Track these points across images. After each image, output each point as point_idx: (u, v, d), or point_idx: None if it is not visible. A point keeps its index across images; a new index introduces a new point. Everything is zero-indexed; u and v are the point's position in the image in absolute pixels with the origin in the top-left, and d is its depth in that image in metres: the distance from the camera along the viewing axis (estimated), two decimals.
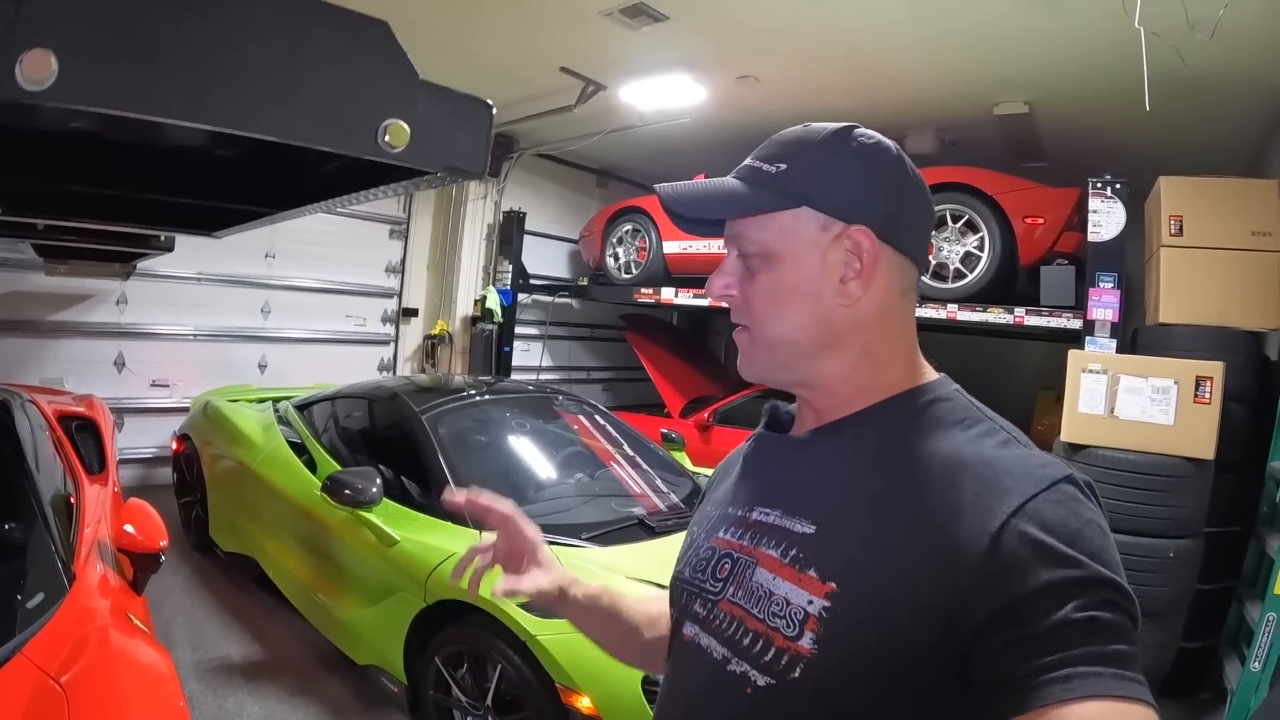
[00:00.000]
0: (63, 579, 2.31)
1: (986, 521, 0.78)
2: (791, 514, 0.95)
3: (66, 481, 3.23)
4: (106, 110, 0.90)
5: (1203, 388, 3.76)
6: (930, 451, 0.89)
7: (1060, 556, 0.74)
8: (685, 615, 1.04)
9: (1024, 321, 5.29)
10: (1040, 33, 4.47)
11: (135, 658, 2.13)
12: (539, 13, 4.89)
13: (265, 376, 7.41)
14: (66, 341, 6.29)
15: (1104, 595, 0.73)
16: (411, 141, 1.12)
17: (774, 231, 0.96)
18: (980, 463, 0.85)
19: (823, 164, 0.96)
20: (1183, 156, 5.62)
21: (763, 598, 0.91)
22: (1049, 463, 0.83)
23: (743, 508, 1.05)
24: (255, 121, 1.02)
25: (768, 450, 1.10)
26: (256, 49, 0.99)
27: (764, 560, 0.94)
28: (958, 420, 0.93)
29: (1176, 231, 4.27)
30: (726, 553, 1.01)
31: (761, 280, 0.96)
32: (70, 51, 0.83)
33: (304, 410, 4.87)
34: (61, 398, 4.65)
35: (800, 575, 0.88)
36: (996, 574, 0.75)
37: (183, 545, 5.27)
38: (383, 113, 1.10)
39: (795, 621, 0.85)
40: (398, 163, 1.15)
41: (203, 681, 3.69)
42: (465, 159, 1.26)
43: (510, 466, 4.09)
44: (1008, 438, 0.89)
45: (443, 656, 3.08)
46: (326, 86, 1.06)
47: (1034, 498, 0.78)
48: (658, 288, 7.51)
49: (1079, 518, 0.78)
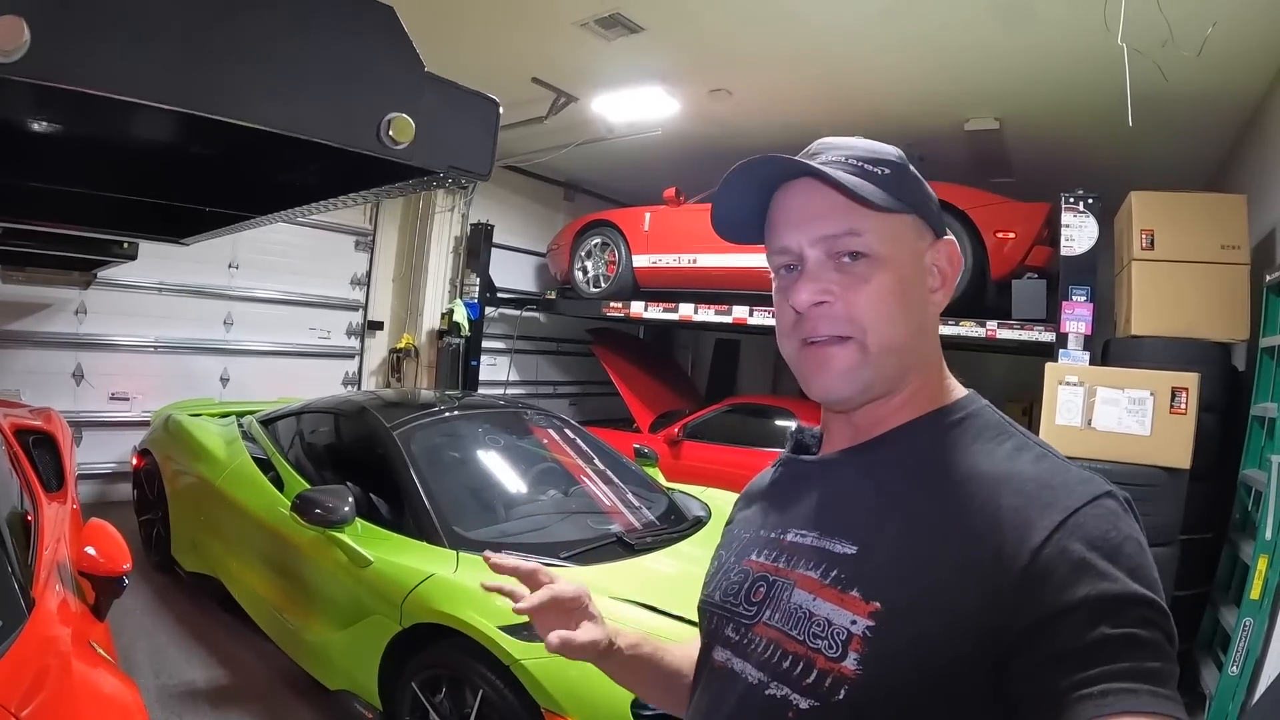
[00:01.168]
0: (21, 605, 2.20)
1: (1029, 535, 0.77)
2: (830, 535, 0.94)
3: (24, 500, 3.11)
4: (81, 88, 0.81)
5: (1178, 398, 3.82)
6: (968, 466, 0.88)
7: (1101, 572, 0.73)
8: (715, 640, 1.02)
9: (996, 335, 5.34)
10: (1013, 49, 4.53)
11: (99, 689, 2.05)
12: (512, 21, 4.85)
13: (228, 390, 7.28)
14: (22, 352, 6.14)
15: (1142, 613, 0.73)
16: (416, 138, 1.04)
17: (887, 234, 0.93)
18: (1020, 477, 0.84)
19: (911, 176, 0.97)
20: (1150, 171, 5.73)
21: (802, 619, 0.89)
22: (1089, 478, 0.83)
23: (775, 530, 1.03)
24: (247, 107, 0.93)
25: (798, 473, 1.09)
26: (250, 26, 0.90)
27: (802, 582, 0.92)
28: (993, 435, 0.92)
29: (1148, 245, 4.34)
30: (761, 575, 0.99)
31: (876, 284, 0.92)
32: (45, 19, 0.75)
33: (269, 425, 4.75)
34: (18, 411, 4.51)
35: (843, 596, 0.86)
36: (1038, 587, 0.74)
37: (143, 565, 5.11)
38: (386, 105, 1.02)
39: (838, 642, 0.84)
40: (401, 160, 1.07)
41: (166, 708, 3.55)
42: (471, 159, 1.19)
43: (484, 483, 4.01)
44: (1043, 452, 0.88)
45: (419, 681, 2.98)
46: (326, 72, 0.98)
47: (1076, 512, 0.78)
48: (627, 301, 7.49)
49: (1119, 533, 0.77)
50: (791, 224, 0.96)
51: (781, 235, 0.97)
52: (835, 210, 0.92)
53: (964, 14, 4.17)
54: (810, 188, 0.94)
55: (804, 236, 0.94)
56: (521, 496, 3.95)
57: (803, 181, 0.95)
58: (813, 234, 0.93)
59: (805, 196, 0.95)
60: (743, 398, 8.04)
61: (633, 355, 8.76)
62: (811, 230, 0.93)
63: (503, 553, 1.19)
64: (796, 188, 0.96)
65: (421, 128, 1.05)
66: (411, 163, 1.10)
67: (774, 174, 0.97)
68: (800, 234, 0.94)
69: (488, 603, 2.83)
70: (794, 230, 0.95)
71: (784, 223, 0.97)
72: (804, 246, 0.94)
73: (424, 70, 1.08)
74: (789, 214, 0.96)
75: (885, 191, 0.92)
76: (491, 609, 2.78)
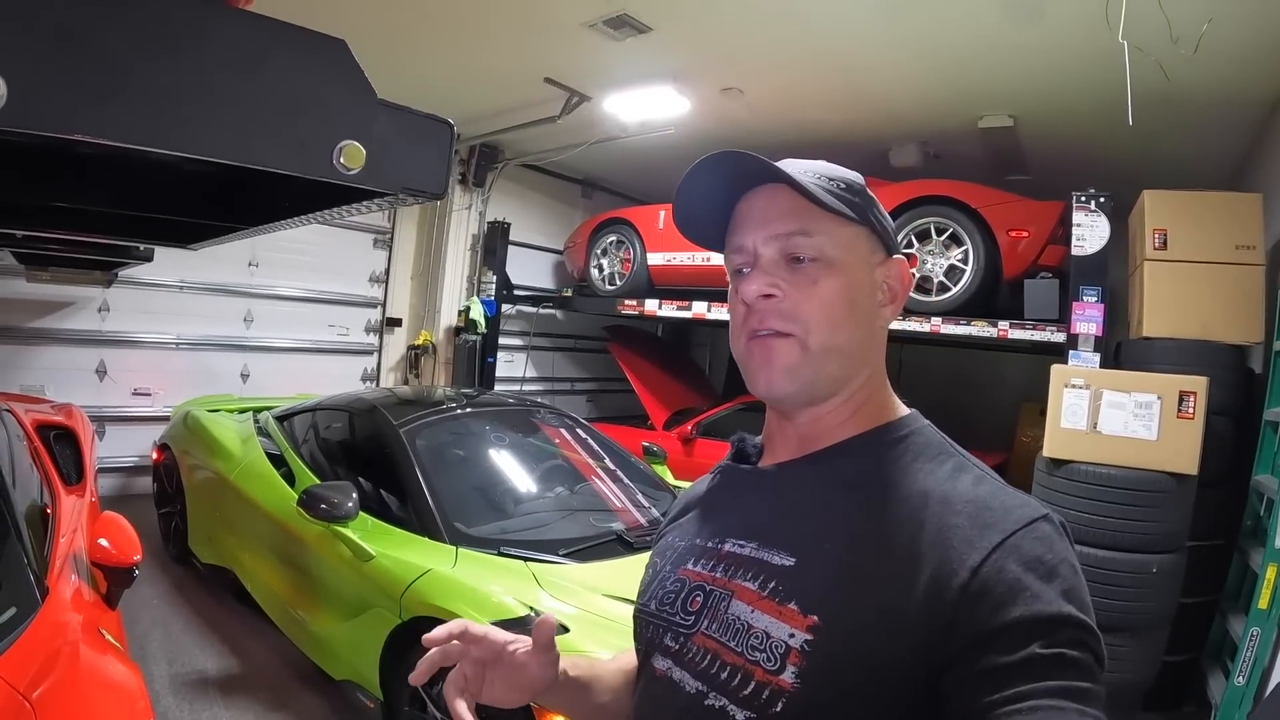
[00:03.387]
0: (35, 593, 2.28)
1: (968, 554, 0.80)
2: (769, 546, 0.95)
3: (43, 493, 3.20)
4: (58, 135, 0.89)
5: (1186, 402, 3.74)
6: (909, 485, 0.91)
7: (1035, 593, 0.76)
8: (655, 649, 1.02)
9: (1008, 335, 5.30)
10: (1023, 47, 4.49)
11: (106, 674, 2.11)
12: (522, 23, 4.87)
13: (247, 386, 7.36)
14: (47, 349, 6.25)
15: (1073, 634, 0.75)
16: (368, 163, 1.09)
17: (840, 241, 0.97)
18: (961, 498, 0.87)
19: (869, 196, 1.01)
20: (1165, 170, 5.65)
21: (740, 631, 0.90)
22: (1025, 501, 0.86)
23: (713, 539, 1.03)
24: (207, 145, 0.99)
25: (738, 482, 1.10)
26: (210, 71, 0.97)
27: (740, 593, 0.93)
28: (933, 455, 0.95)
29: (1160, 245, 4.27)
30: (698, 585, 1.00)
31: (825, 287, 0.95)
32: (20, 76, 0.82)
33: (284, 421, 4.84)
34: (40, 407, 4.61)
35: (780, 608, 0.87)
36: (974, 605, 0.77)
37: (162, 556, 5.23)
38: (339, 134, 1.07)
39: (776, 655, 0.85)
40: (355, 184, 1.12)
41: (178, 695, 3.65)
42: (424, 180, 1.24)
43: (488, 481, 4.05)
44: (981, 474, 0.91)
45: None
46: (281, 107, 1.04)
47: (1014, 534, 0.80)
48: (641, 299, 7.50)
49: (1055, 555, 0.80)
50: (751, 225, 0.99)
51: (740, 235, 1.00)
52: (792, 212, 0.96)
53: (972, 11, 4.14)
54: (772, 193, 0.98)
55: (760, 235, 0.97)
56: (524, 494, 4.00)
57: (766, 187, 0.99)
58: (769, 232, 0.97)
59: (766, 200, 0.98)
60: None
61: (648, 353, 8.75)
62: (768, 229, 0.97)
63: None
64: (760, 192, 0.99)
65: (373, 154, 1.10)
66: (365, 186, 1.16)
67: (741, 176, 0.99)
68: (757, 233, 0.98)
69: (482, 598, 2.89)
70: (752, 230, 0.98)
71: (744, 224, 1.00)
72: (758, 245, 0.97)
73: (375, 99, 1.13)
74: (750, 215, 0.99)
75: (843, 201, 0.96)
76: (486, 604, 2.84)
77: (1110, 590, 3.63)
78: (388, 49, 5.23)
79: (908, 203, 5.59)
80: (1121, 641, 3.64)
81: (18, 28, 0.82)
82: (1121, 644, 3.63)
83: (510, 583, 3.01)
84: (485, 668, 1.05)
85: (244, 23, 1.00)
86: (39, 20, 0.84)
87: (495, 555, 3.24)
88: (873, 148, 6.56)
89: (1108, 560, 3.67)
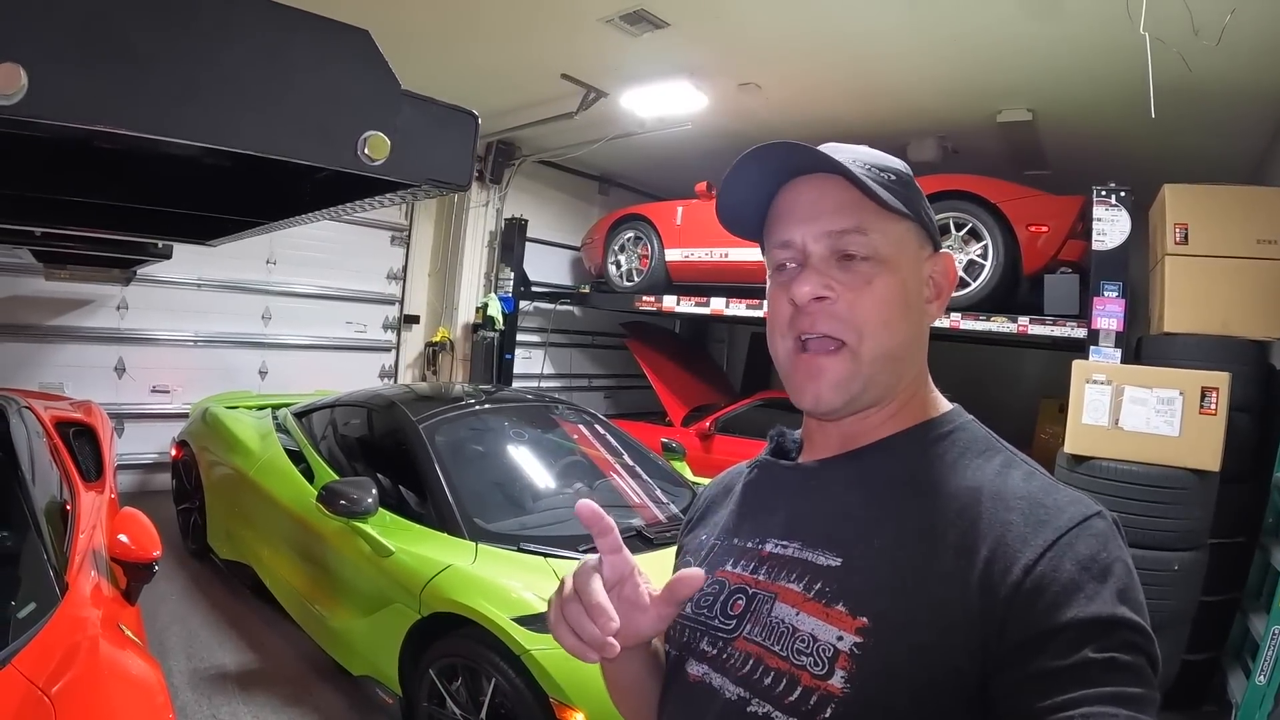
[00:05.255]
0: (55, 589, 2.30)
1: (1022, 552, 0.77)
2: (813, 546, 0.92)
3: (62, 489, 3.21)
4: (79, 125, 0.87)
5: (1208, 398, 3.70)
6: (958, 481, 0.88)
7: (1090, 594, 0.74)
8: (690, 654, 0.98)
9: (1028, 331, 5.26)
10: (1043, 40, 4.44)
11: (125, 669, 2.12)
12: (538, 19, 4.87)
13: (266, 383, 7.39)
14: (66, 346, 6.28)
15: (1127, 637, 0.73)
16: (392, 154, 1.07)
17: (893, 238, 0.93)
18: (1012, 494, 0.84)
19: (915, 188, 0.97)
20: (1185, 164, 5.58)
21: (785, 634, 0.87)
22: (1078, 498, 0.83)
23: (752, 539, 1.00)
24: (231, 135, 0.98)
25: (777, 479, 1.05)
26: (233, 61, 0.96)
27: (785, 595, 0.90)
28: (980, 450, 0.92)
29: (1181, 240, 4.22)
30: (739, 588, 0.96)
31: (879, 287, 0.91)
32: (40, 64, 0.81)
33: (302, 418, 4.85)
34: (59, 404, 4.63)
35: (828, 610, 0.85)
36: (1028, 605, 0.75)
37: (180, 552, 5.25)
38: (363, 124, 1.05)
39: (824, 659, 0.82)
40: (378, 175, 1.11)
41: (197, 690, 3.66)
42: (449, 171, 1.22)
43: (507, 476, 4.06)
44: (1031, 470, 0.89)
45: (437, 669, 3.06)
46: (305, 98, 1.02)
47: (1068, 531, 0.78)
48: (659, 296, 7.47)
49: (1109, 555, 0.77)
50: (798, 218, 0.93)
51: (785, 229, 0.95)
52: (845, 207, 0.91)
53: (992, 3, 4.10)
54: (822, 183, 0.93)
55: (810, 231, 0.92)
56: (543, 490, 4.00)
57: (814, 177, 0.94)
58: (819, 229, 0.92)
59: (817, 191, 0.93)
60: (774, 392, 7.97)
61: (667, 349, 8.73)
62: (819, 225, 0.92)
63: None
64: (807, 183, 0.94)
65: (397, 144, 1.09)
66: (389, 177, 1.14)
67: (786, 165, 0.94)
68: (806, 228, 0.92)
69: (502, 594, 2.89)
70: (800, 224, 0.93)
71: (790, 217, 0.94)
72: (808, 241, 0.92)
73: (399, 89, 1.11)
74: (797, 208, 0.94)
75: (894, 194, 0.91)
76: (505, 600, 2.84)
77: None
78: (404, 45, 5.22)
79: (927, 198, 5.51)
80: None
81: (38, 16, 0.81)
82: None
83: (530, 579, 3.01)
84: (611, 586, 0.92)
85: (267, 12, 0.99)
86: (60, 8, 0.83)
87: (515, 551, 3.24)
88: (890, 143, 6.36)
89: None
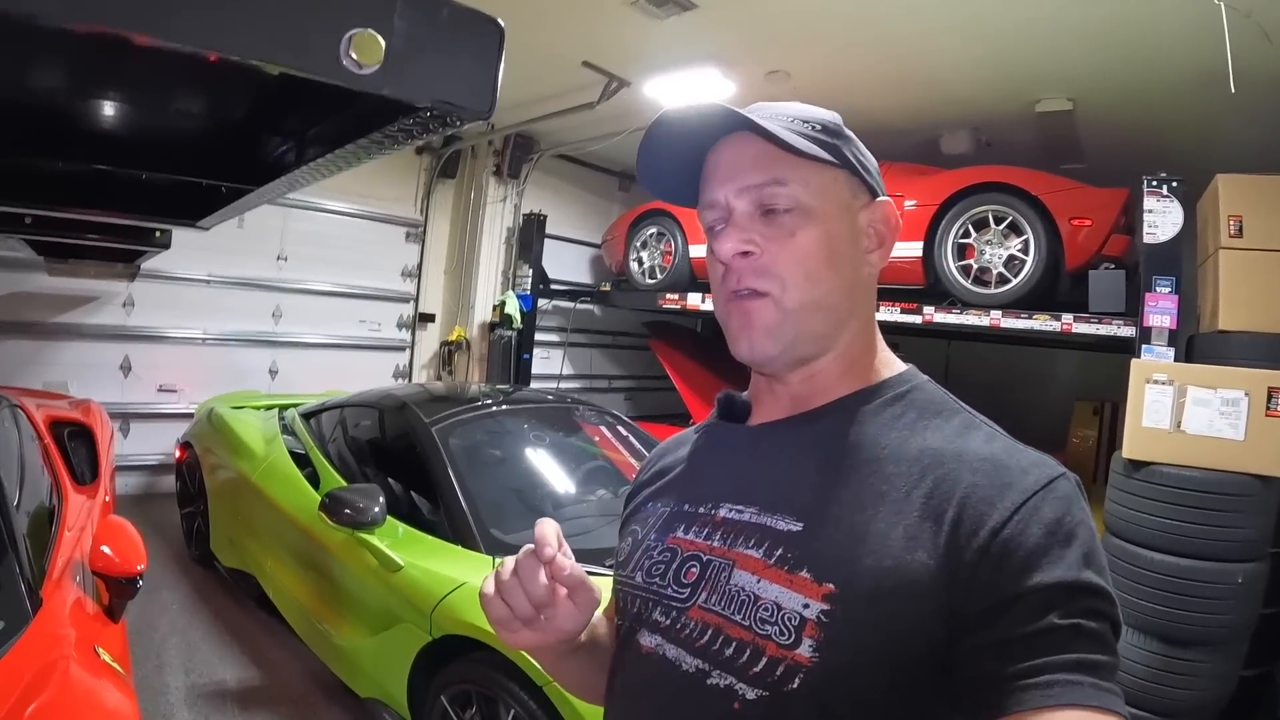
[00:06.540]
0: (26, 606, 2.11)
1: (988, 515, 0.77)
2: (770, 510, 0.89)
3: (51, 494, 3.04)
4: (42, 21, 0.77)
5: (1275, 399, 3.50)
6: (917, 443, 0.87)
7: (1055, 559, 0.74)
8: (641, 624, 0.95)
9: (1072, 329, 5.01)
10: (1087, 22, 4.20)
11: (96, 699, 1.94)
12: (559, 1, 4.66)
13: (276, 382, 7.26)
14: (71, 345, 6.16)
15: (1090, 603, 0.73)
16: (387, 60, 0.85)
17: (814, 188, 0.91)
18: (975, 455, 0.83)
19: (847, 136, 0.96)
20: (1231, 155, 5.31)
21: (746, 603, 0.85)
22: (1042, 459, 0.83)
23: (704, 504, 0.97)
24: (178, 29, 0.79)
25: (728, 441, 1.05)
26: None
27: (743, 562, 0.88)
28: (938, 411, 0.91)
29: (1236, 233, 4.01)
30: (692, 555, 0.94)
31: (802, 239, 0.90)
32: None
33: (310, 419, 4.64)
34: (57, 403, 4.48)
35: (791, 577, 0.82)
36: (993, 570, 0.74)
37: (184, 559, 5.09)
38: (347, 21, 0.83)
39: (790, 628, 0.80)
40: (372, 90, 0.89)
41: (194, 707, 3.47)
42: (464, 92, 0.98)
43: (526, 483, 3.82)
44: (992, 431, 0.88)
45: (449, 696, 2.81)
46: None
47: (1034, 494, 0.78)
48: (683, 293, 7.25)
49: (1073, 518, 0.77)
50: (720, 178, 0.94)
51: (710, 189, 0.95)
52: (761, 160, 0.91)
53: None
54: (740, 141, 0.93)
55: (730, 188, 0.93)
56: (567, 498, 3.77)
57: (733, 136, 0.94)
58: (738, 184, 0.92)
59: (735, 150, 0.93)
60: None
61: (691, 349, 8.53)
62: (738, 181, 0.92)
63: None
64: (726, 143, 0.95)
65: (394, 49, 0.87)
66: (384, 92, 0.92)
67: (708, 129, 0.94)
68: (728, 186, 0.93)
69: None
70: (722, 184, 0.94)
71: (713, 177, 0.95)
72: (730, 199, 0.93)
73: None
74: (718, 168, 0.95)
75: (817, 143, 0.90)
76: None
77: (1191, 602, 3.46)
78: None
79: (965, 189, 5.34)
80: (1201, 656, 3.49)
81: None
82: (1201, 659, 3.49)
83: None
84: None
85: None
86: None
87: None
88: (923, 135, 6.35)
89: (1190, 570, 3.47)
